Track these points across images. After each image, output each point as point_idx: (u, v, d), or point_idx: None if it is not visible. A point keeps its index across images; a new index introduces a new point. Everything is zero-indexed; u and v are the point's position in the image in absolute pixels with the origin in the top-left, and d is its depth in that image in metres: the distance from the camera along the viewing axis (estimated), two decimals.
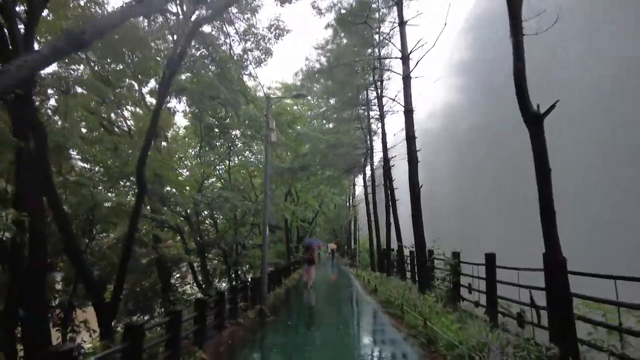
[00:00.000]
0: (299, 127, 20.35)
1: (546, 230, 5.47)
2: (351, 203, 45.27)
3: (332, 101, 22.51)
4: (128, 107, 18.32)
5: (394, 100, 14.04)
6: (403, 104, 13.08)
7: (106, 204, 9.24)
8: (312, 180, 27.32)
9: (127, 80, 17.53)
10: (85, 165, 9.19)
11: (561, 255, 5.31)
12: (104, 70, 16.42)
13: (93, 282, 6.62)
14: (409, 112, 12.86)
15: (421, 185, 12.11)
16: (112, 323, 6.98)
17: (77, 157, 12.00)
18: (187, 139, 25.55)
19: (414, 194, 12.10)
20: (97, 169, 9.90)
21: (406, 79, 13.24)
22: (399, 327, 8.67)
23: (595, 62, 8.25)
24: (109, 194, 9.95)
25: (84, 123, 13.64)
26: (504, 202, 12.09)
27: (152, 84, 20.32)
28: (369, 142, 20.50)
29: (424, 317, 8.30)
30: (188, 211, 17.72)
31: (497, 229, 12.48)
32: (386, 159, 16.15)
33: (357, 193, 45.31)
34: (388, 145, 17.29)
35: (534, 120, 5.66)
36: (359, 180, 42.78)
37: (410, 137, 12.54)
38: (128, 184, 12.80)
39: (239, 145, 23.76)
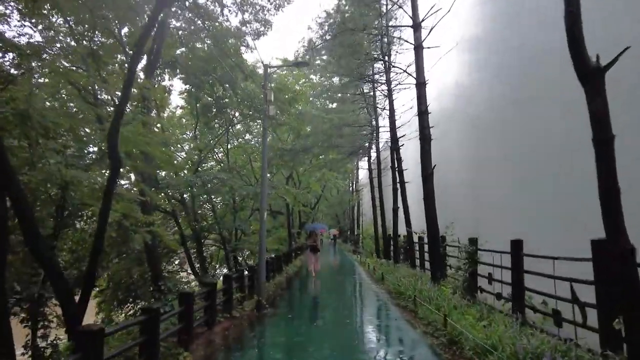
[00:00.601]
0: (300, 107, 19.12)
1: (607, 213, 4.40)
2: (355, 188, 44.22)
3: (335, 80, 21.24)
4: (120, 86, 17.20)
5: (404, 71, 12.80)
6: (415, 75, 11.87)
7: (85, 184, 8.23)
8: (315, 164, 26.24)
9: (118, 56, 16.36)
10: (62, 139, 8.11)
11: (628, 242, 4.26)
12: (93, 43, 15.22)
13: (58, 275, 5.63)
14: (421, 84, 11.67)
15: (434, 166, 11.01)
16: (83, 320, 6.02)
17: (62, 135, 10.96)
18: (184, 120, 24.44)
19: (426, 175, 11.01)
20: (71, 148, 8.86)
21: (418, 48, 12.01)
22: (414, 322, 7.69)
23: None
24: (90, 173, 8.87)
25: (72, 104, 12.54)
26: (523, 186, 11.02)
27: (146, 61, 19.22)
28: (374, 121, 19.29)
29: (442, 311, 7.32)
30: (185, 195, 16.74)
31: (513, 213, 11.44)
32: (394, 138, 14.96)
33: (360, 178, 44.23)
34: (396, 125, 16.10)
35: (592, 75, 4.54)
36: (363, 164, 41.77)
37: (423, 112, 11.38)
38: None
39: (237, 127, 22.63)
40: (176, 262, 19.73)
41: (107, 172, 7.22)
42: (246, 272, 10.18)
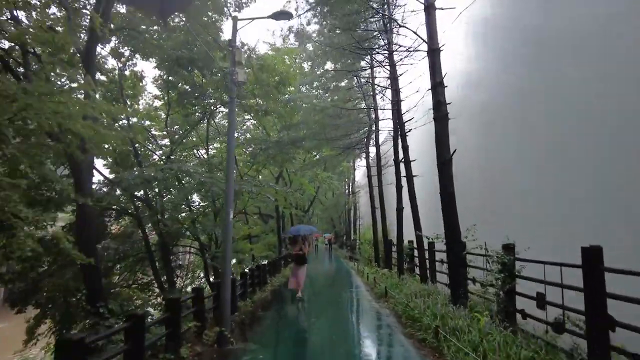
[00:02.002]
0: (288, 93, 16.65)
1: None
2: (351, 189, 41.74)
3: (328, 65, 18.84)
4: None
5: (414, 33, 10.38)
6: (426, 40, 9.47)
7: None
8: (307, 160, 23.80)
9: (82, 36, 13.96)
10: None
11: None
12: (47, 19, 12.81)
13: None
14: (434, 51, 9.27)
15: (454, 151, 8.58)
16: None
17: None
18: (162, 113, 21.95)
19: (444, 162, 8.58)
20: None
21: (429, 8, 9.63)
22: None
23: None
24: None
25: None
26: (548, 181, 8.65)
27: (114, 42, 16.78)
28: (374, 107, 16.73)
29: (484, 354, 4.86)
30: (150, 195, 14.18)
31: (535, 213, 9.06)
32: (399, 122, 12.34)
33: (357, 180, 41.75)
34: (401, 105, 13.46)
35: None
36: (360, 164, 39.25)
37: (438, 84, 8.96)
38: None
39: (219, 119, 20.12)
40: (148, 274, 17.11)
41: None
42: (208, 291, 7.65)
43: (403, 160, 11.29)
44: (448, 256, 8.53)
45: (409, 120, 11.92)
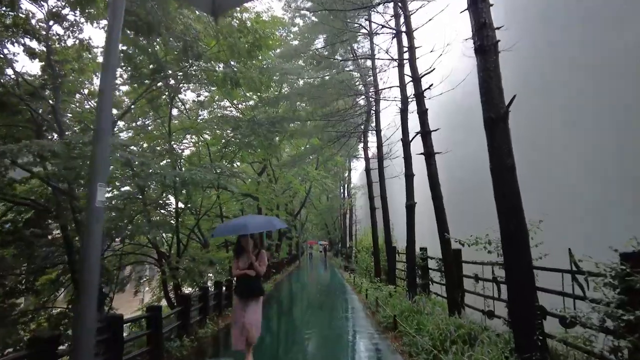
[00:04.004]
0: (267, 59, 13.17)
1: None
2: (347, 190, 38.19)
3: (320, 44, 15.49)
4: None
5: None
6: None
7: None
8: (295, 154, 20.34)
9: None
10: None
11: None
12: None
13: None
14: None
15: (512, 98, 5.13)
16: None
17: None
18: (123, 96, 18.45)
19: (497, 117, 5.13)
20: None
21: None
22: None
23: None
24: None
25: None
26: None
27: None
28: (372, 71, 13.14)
29: None
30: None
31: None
32: (415, 78, 8.43)
33: (353, 182, 38.26)
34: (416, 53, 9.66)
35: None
36: (355, 165, 35.83)
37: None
38: None
39: (187, 98, 16.67)
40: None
41: None
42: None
43: (420, 132, 7.77)
44: (508, 275, 5.01)
45: (427, 72, 8.28)
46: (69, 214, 9.89)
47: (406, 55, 9.02)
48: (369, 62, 16.02)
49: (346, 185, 38.27)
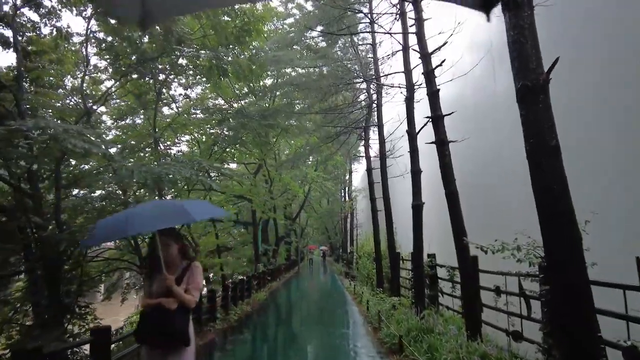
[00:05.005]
0: (255, 50, 12.03)
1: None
2: (348, 193, 36.95)
3: (316, 33, 14.40)
4: None
5: None
6: None
7: None
8: (293, 154, 19.17)
9: None
10: None
11: None
12: None
13: None
14: None
15: (554, 62, 3.94)
16: None
17: None
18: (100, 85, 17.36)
19: (533, 88, 3.95)
20: None
21: None
22: None
23: None
24: None
25: None
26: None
27: None
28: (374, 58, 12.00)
29: None
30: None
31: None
32: (424, 54, 6.98)
33: (354, 185, 37.02)
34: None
35: None
36: (356, 167, 34.63)
37: None
38: None
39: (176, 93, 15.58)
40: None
41: None
42: None
43: (431, 116, 6.55)
44: (553, 293, 3.79)
45: (440, 47, 7.06)
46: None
47: (412, 29, 7.83)
48: (370, 55, 14.95)
49: (347, 188, 37.07)
